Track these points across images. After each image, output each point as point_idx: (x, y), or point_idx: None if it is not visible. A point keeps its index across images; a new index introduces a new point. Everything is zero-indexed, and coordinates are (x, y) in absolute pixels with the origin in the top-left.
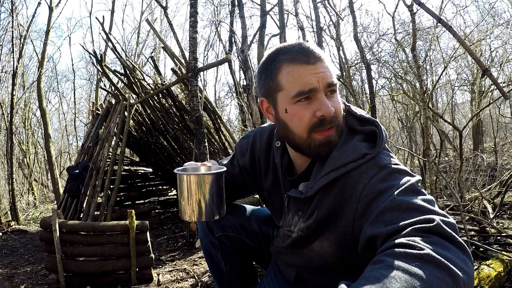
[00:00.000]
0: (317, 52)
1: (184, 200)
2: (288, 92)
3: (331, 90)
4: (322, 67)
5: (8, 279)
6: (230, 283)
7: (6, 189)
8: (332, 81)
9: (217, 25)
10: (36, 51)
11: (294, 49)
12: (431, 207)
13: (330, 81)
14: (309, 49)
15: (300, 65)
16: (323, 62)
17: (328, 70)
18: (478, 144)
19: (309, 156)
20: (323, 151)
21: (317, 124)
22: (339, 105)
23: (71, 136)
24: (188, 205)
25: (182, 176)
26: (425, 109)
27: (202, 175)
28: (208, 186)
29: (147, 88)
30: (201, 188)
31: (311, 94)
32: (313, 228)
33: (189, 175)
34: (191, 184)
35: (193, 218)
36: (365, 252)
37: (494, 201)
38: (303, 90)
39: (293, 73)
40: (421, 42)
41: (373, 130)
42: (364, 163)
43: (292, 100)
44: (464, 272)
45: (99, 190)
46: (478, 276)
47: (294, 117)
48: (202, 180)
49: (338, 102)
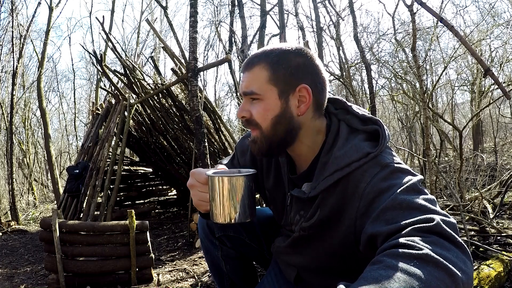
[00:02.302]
0: (250, 61)
1: (216, 203)
2: None
3: (252, 98)
4: (245, 76)
5: (8, 279)
6: (231, 283)
7: (6, 189)
8: (246, 90)
9: (217, 25)
10: (36, 51)
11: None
12: (432, 207)
13: (244, 90)
14: (249, 58)
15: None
16: (249, 71)
17: (248, 79)
18: (478, 144)
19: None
20: (251, 147)
21: (243, 124)
22: (256, 112)
23: (71, 136)
24: (222, 208)
25: (215, 178)
26: (425, 109)
27: (235, 176)
28: (242, 187)
29: (147, 88)
30: (234, 190)
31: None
32: (315, 227)
33: (223, 177)
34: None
35: (227, 220)
36: (367, 251)
37: (494, 201)
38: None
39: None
40: (421, 42)
41: (375, 129)
42: (367, 162)
43: None
44: (463, 272)
45: (99, 190)
46: (478, 276)
47: None
48: (236, 182)
49: (255, 109)
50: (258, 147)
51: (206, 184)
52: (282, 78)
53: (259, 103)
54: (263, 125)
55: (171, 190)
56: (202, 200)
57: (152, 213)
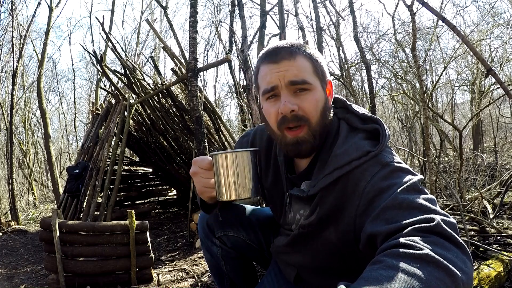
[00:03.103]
0: (289, 50)
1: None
2: (261, 90)
3: (300, 89)
4: (287, 65)
5: (8, 279)
6: (230, 283)
7: (6, 189)
8: (295, 79)
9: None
10: (36, 51)
11: (269, 50)
12: (432, 206)
13: (292, 79)
14: (280, 48)
15: (267, 65)
16: (292, 60)
17: (294, 68)
18: (478, 144)
19: (284, 152)
20: (291, 150)
21: (281, 121)
22: (308, 104)
23: (71, 136)
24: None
25: (218, 156)
26: (425, 109)
27: (239, 152)
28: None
29: (147, 88)
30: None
31: (275, 92)
32: (314, 225)
33: (226, 153)
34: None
35: (231, 197)
36: (366, 250)
37: (494, 201)
38: (266, 88)
39: (262, 73)
40: (421, 42)
41: (375, 128)
42: (367, 160)
43: (263, 98)
44: (463, 272)
45: (99, 190)
46: (478, 276)
47: (266, 114)
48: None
49: (307, 101)
50: (306, 146)
51: (209, 170)
52: (319, 70)
53: (309, 94)
54: (313, 119)
55: (171, 190)
56: (205, 186)
57: (152, 213)
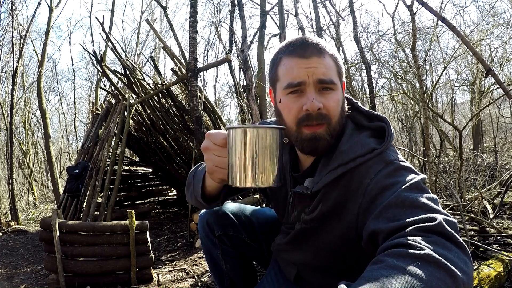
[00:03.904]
0: (318, 47)
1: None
2: (282, 83)
3: (325, 87)
4: (317, 62)
5: (8, 279)
6: (230, 283)
7: (6, 189)
8: (324, 78)
9: (217, 25)
10: (36, 51)
11: (296, 43)
12: (434, 206)
13: (321, 78)
14: (309, 43)
15: (294, 58)
16: (321, 57)
17: (323, 66)
18: (478, 144)
19: (298, 149)
20: (308, 146)
21: (304, 118)
22: (333, 104)
23: (71, 136)
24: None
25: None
26: (425, 109)
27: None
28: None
29: (147, 88)
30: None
31: (300, 88)
32: (317, 220)
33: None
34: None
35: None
36: (368, 247)
37: (494, 201)
38: (291, 83)
39: (287, 65)
40: (421, 42)
41: (381, 126)
42: (372, 157)
43: (284, 91)
44: (464, 273)
45: (99, 190)
46: (478, 276)
47: (285, 108)
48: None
49: (332, 100)
50: (322, 143)
51: (223, 147)
52: (340, 71)
53: (333, 94)
54: (334, 118)
55: (171, 190)
56: (218, 165)
57: (152, 213)
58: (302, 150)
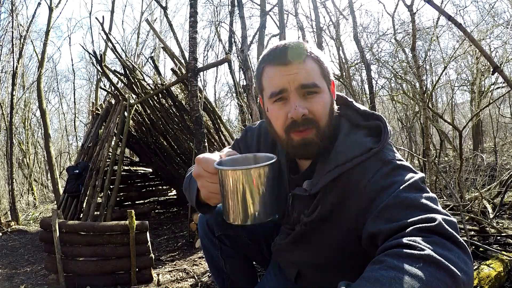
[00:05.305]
0: (298, 52)
1: (229, 201)
2: (266, 92)
3: (309, 92)
4: (297, 67)
5: (8, 279)
6: (230, 283)
7: (6, 189)
8: (306, 83)
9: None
10: (36, 51)
11: (276, 50)
12: (433, 206)
13: (303, 83)
14: (289, 48)
15: (275, 67)
16: (302, 62)
17: (304, 71)
18: (478, 144)
19: (291, 155)
20: (299, 152)
21: (290, 126)
22: (319, 107)
23: (71, 136)
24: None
25: (227, 172)
26: (425, 109)
27: (252, 168)
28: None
29: (147, 88)
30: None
31: (284, 95)
32: (316, 222)
33: (236, 170)
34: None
35: (243, 221)
36: (368, 247)
37: (494, 201)
38: (274, 91)
39: (269, 74)
40: (421, 42)
41: (377, 125)
42: (369, 157)
43: (270, 100)
44: (464, 273)
45: (99, 190)
46: (478, 276)
47: (273, 117)
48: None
49: (317, 104)
50: (313, 147)
51: (215, 174)
52: (326, 72)
53: (318, 97)
54: (322, 121)
55: (171, 190)
56: (212, 192)
57: (152, 213)
58: (294, 156)
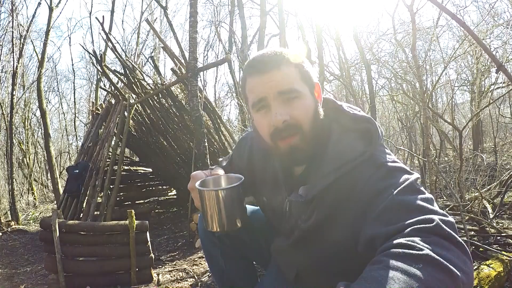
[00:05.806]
0: (275, 59)
1: (206, 213)
2: (250, 102)
3: (289, 97)
4: (275, 74)
5: (8, 279)
6: (230, 283)
7: (6, 189)
8: (283, 89)
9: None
10: (36, 51)
11: (253, 61)
12: (430, 207)
13: (280, 89)
14: (264, 58)
15: (255, 76)
16: (279, 69)
17: (281, 78)
18: (478, 144)
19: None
20: (287, 159)
21: (274, 133)
22: (300, 112)
23: (71, 136)
24: (211, 218)
25: (202, 192)
26: (425, 109)
27: (219, 190)
28: (227, 199)
29: (147, 88)
30: (218, 201)
31: (264, 103)
32: (313, 227)
33: (208, 191)
34: (210, 198)
35: (217, 229)
36: (365, 251)
37: (494, 201)
38: (255, 101)
39: (250, 84)
40: (421, 42)
41: (368, 128)
42: (363, 161)
43: (254, 110)
44: (463, 273)
45: (99, 190)
46: (478, 276)
47: (258, 126)
48: (220, 194)
49: (298, 108)
50: (300, 153)
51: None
52: (306, 76)
53: (299, 102)
54: (305, 126)
55: (171, 190)
56: (199, 203)
57: (152, 213)
58: (284, 163)
